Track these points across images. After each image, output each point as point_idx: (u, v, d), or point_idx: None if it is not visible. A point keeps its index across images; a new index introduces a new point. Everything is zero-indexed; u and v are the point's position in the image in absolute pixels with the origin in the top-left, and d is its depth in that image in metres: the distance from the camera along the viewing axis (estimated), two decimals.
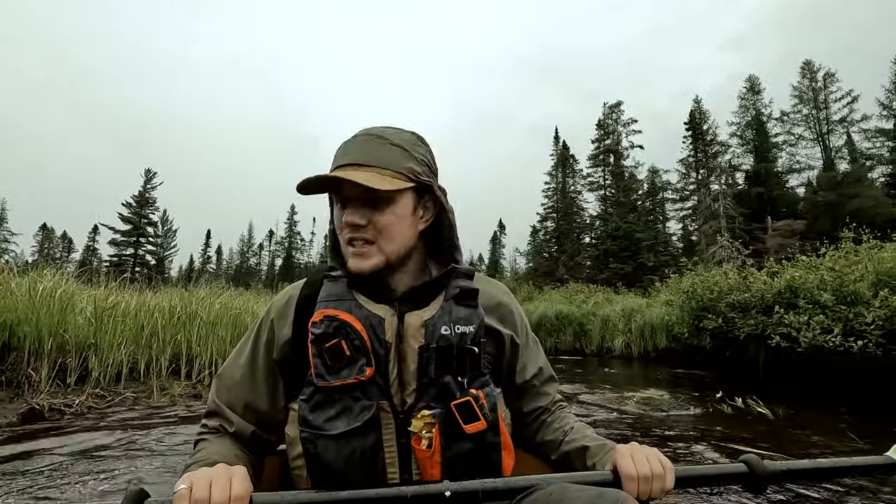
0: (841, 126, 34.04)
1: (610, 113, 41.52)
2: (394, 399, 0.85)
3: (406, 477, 0.83)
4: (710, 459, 2.97)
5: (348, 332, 0.84)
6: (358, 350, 0.84)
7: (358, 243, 0.89)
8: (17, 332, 4.04)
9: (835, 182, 29.49)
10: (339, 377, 0.83)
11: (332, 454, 0.82)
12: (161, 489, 1.78)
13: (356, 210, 0.88)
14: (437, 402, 0.84)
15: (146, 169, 46.52)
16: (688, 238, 38.66)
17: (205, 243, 68.43)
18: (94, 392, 4.16)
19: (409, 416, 0.85)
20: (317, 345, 0.85)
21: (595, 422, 4.11)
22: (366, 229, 0.88)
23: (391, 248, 0.90)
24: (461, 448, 0.84)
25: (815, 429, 3.74)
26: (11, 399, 3.76)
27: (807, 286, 6.79)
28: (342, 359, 0.83)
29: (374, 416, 0.83)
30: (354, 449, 0.82)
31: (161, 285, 8.63)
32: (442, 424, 0.83)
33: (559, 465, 0.98)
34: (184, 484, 0.68)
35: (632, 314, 11.77)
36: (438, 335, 0.86)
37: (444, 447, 0.83)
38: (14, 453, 2.78)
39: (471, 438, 0.84)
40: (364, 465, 0.83)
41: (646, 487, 0.78)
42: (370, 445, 0.83)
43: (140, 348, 4.93)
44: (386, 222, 0.88)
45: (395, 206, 0.89)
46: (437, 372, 0.85)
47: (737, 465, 0.87)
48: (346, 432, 0.82)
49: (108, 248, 45.71)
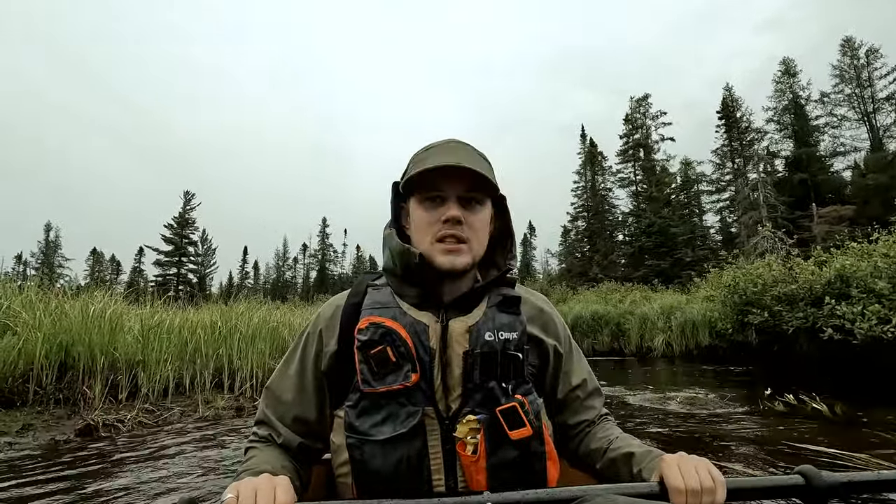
0: (888, 103, 32.15)
1: (637, 107, 40.61)
2: (439, 405, 0.85)
3: (451, 483, 0.83)
4: (761, 464, 2.84)
5: (393, 338, 0.85)
6: (403, 356, 0.85)
7: (452, 241, 0.90)
8: (72, 351, 4.27)
9: (885, 163, 27.84)
10: (384, 383, 0.84)
11: (379, 460, 0.83)
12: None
13: (456, 207, 0.90)
14: (482, 407, 0.85)
15: (185, 191, 48.61)
16: (727, 230, 37.21)
17: (242, 259, 70.75)
18: (143, 407, 4.34)
19: (455, 422, 0.84)
20: (363, 351, 0.86)
21: (637, 424, 3.99)
22: (462, 227, 0.90)
23: (477, 250, 0.93)
24: (506, 455, 0.84)
25: (881, 427, 3.52)
26: (69, 416, 3.97)
27: (859, 274, 6.42)
28: (388, 365, 0.84)
29: (419, 422, 0.83)
30: (401, 454, 0.83)
31: (202, 302, 8.96)
32: (487, 430, 0.83)
33: (604, 473, 0.95)
34: (230, 493, 0.69)
35: (671, 311, 11.43)
36: (482, 341, 0.87)
37: (489, 453, 0.83)
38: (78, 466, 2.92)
39: (516, 446, 0.84)
40: (410, 471, 0.82)
41: (695, 501, 0.74)
42: (416, 451, 0.83)
43: (185, 363, 5.12)
44: (479, 223, 0.92)
45: (484, 210, 0.93)
46: (482, 377, 0.85)
47: (793, 476, 0.81)
48: (393, 438, 0.83)
49: (154, 269, 47.96)
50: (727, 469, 2.69)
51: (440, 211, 0.90)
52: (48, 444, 3.50)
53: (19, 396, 4.01)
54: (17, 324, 4.30)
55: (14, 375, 4.02)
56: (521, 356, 0.88)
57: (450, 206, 0.89)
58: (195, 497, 0.74)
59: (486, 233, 0.95)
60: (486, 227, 0.95)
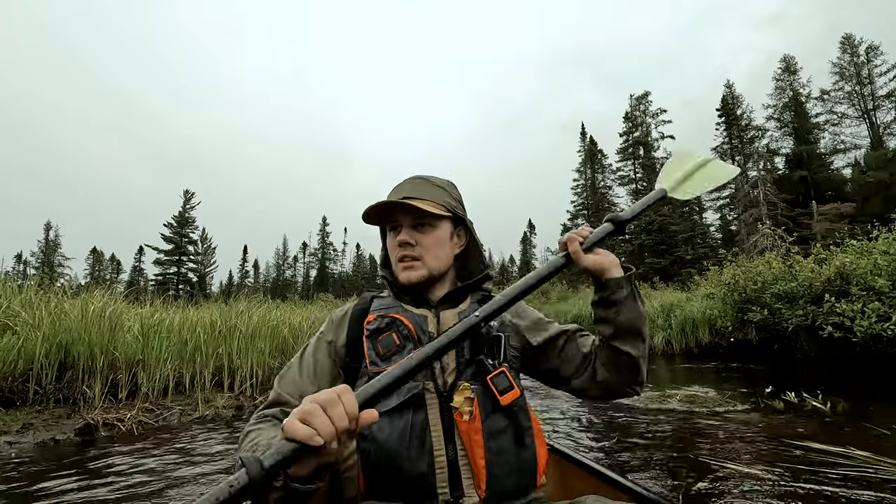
0: (888, 101, 32.12)
1: (637, 104, 40.59)
2: (437, 381, 0.97)
3: (450, 450, 0.91)
4: (761, 462, 2.84)
5: (398, 325, 1.02)
6: (406, 338, 1.00)
7: (407, 259, 1.08)
8: (72, 351, 4.27)
9: (885, 160, 27.80)
10: (389, 362, 0.96)
11: (385, 431, 0.91)
12: None
13: (407, 232, 1.08)
14: (474, 379, 0.97)
15: (185, 190, 48.61)
16: (727, 228, 37.22)
17: (242, 258, 70.75)
18: (143, 406, 4.34)
19: (451, 394, 0.96)
20: (371, 338, 1.01)
21: (636, 422, 3.99)
22: (414, 248, 1.08)
23: (433, 265, 1.09)
24: (498, 421, 0.95)
25: (880, 423, 3.52)
26: (69, 415, 3.97)
27: (859, 272, 6.41)
28: (392, 346, 0.98)
29: (420, 393, 0.94)
30: (404, 423, 0.91)
31: (202, 301, 8.95)
32: (480, 398, 0.95)
33: (613, 338, 1.03)
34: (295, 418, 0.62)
35: (671, 309, 11.42)
36: None
37: (483, 418, 0.94)
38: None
39: (506, 413, 0.96)
40: (412, 441, 0.90)
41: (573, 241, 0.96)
42: (418, 422, 0.92)
43: (184, 363, 5.12)
44: (430, 243, 1.09)
45: (436, 231, 1.10)
46: (472, 353, 0.99)
47: (605, 224, 1.03)
48: (397, 407, 0.92)
49: (154, 268, 47.93)
50: (727, 468, 2.70)
51: (398, 237, 1.08)
52: (48, 443, 3.50)
53: (19, 396, 4.01)
54: (17, 323, 4.29)
55: (14, 375, 4.02)
56: (503, 336, 1.03)
57: (401, 233, 1.09)
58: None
59: (442, 249, 1.11)
60: (441, 243, 1.10)
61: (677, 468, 2.75)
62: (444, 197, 1.12)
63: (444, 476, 0.89)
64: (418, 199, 1.07)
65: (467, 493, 0.89)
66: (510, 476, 0.92)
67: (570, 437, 3.58)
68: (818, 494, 2.24)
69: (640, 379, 1.04)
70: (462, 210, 1.17)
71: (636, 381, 1.04)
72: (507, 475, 0.92)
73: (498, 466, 0.92)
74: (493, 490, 0.90)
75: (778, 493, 2.28)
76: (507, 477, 0.92)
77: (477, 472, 0.90)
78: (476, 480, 0.90)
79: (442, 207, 1.09)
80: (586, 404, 4.89)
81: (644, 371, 1.03)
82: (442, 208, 1.09)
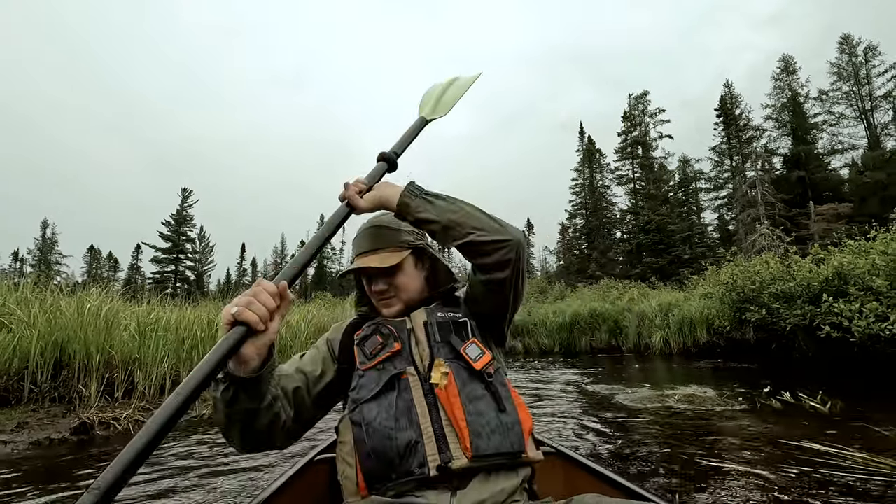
0: (886, 101, 32.19)
1: (636, 104, 40.59)
2: (418, 366, 1.07)
3: (435, 419, 0.99)
4: (758, 462, 2.84)
5: (380, 328, 1.15)
6: (387, 336, 1.12)
7: (385, 298, 1.22)
8: (68, 349, 4.24)
9: (882, 160, 27.89)
10: (376, 358, 1.08)
11: (374, 411, 0.99)
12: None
13: (378, 281, 1.22)
14: (448, 357, 1.07)
15: (182, 188, 48.45)
16: (725, 228, 37.26)
17: (240, 257, 70.56)
18: (139, 405, 4.32)
19: (430, 373, 1.05)
20: (360, 343, 1.13)
21: (635, 422, 3.99)
22: (388, 291, 1.22)
23: (407, 297, 1.23)
24: (475, 388, 1.03)
25: (879, 423, 3.52)
26: (64, 414, 3.94)
27: (857, 272, 6.42)
28: (377, 345, 1.10)
29: (400, 373, 1.05)
30: (390, 403, 1.00)
31: (199, 299, 8.91)
32: (454, 368, 1.04)
33: (447, 242, 1.12)
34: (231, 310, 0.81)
35: (669, 309, 11.43)
36: (435, 316, 1.16)
37: (459, 385, 1.02)
38: None
39: (482, 379, 1.04)
40: (401, 419, 0.98)
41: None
42: (404, 402, 1.01)
43: (181, 361, 5.09)
44: (400, 283, 1.22)
45: (403, 272, 1.22)
46: (441, 336, 1.11)
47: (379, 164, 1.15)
48: (382, 388, 1.02)
49: (151, 266, 47.76)
50: (726, 469, 2.69)
51: (375, 288, 1.23)
52: (43, 442, 3.48)
53: (14, 394, 3.98)
54: (12, 321, 4.26)
55: (9, 373, 3.99)
56: (468, 322, 1.15)
57: (375, 283, 1.23)
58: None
59: (412, 282, 1.24)
60: (410, 278, 1.24)
61: (676, 469, 2.74)
62: (399, 237, 1.24)
63: (433, 444, 0.95)
64: (380, 250, 1.22)
65: (455, 456, 0.94)
66: (493, 436, 0.96)
67: (569, 440, 3.57)
68: (817, 496, 2.23)
69: (492, 249, 1.06)
70: (419, 237, 1.27)
71: (488, 252, 1.07)
72: (489, 434, 0.96)
73: (479, 426, 0.96)
74: (478, 449, 0.94)
75: (776, 494, 2.27)
76: (490, 437, 0.96)
77: (461, 434, 0.95)
78: (462, 443, 0.95)
79: (400, 249, 1.22)
80: (586, 405, 4.88)
81: (491, 239, 1.05)
82: (401, 251, 1.22)
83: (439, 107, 1.30)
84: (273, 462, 3.03)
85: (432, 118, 1.26)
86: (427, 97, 1.34)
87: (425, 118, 1.25)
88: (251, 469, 2.92)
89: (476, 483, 0.94)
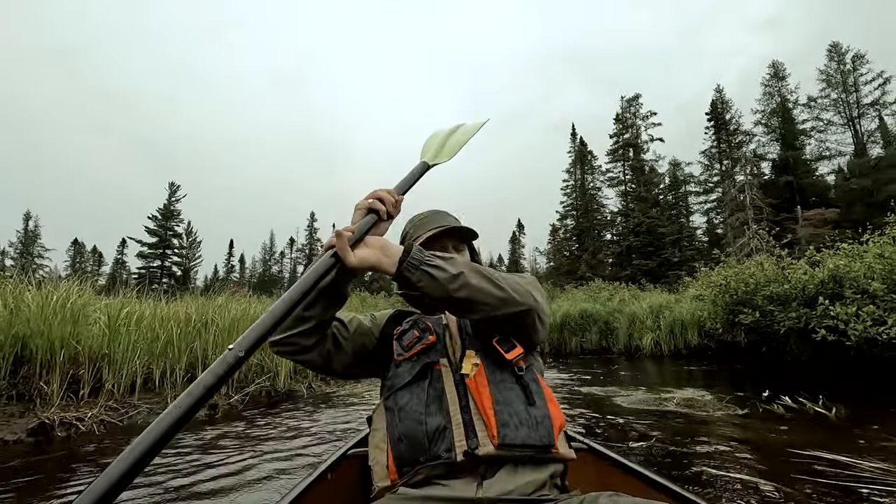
0: (873, 109, 32.58)
1: (628, 107, 40.72)
2: (450, 358, 1.11)
3: (465, 406, 1.00)
4: (767, 474, 2.67)
5: (418, 322, 1.19)
6: (424, 330, 1.16)
7: None
8: (30, 344, 3.96)
9: (868, 168, 28.22)
10: (412, 350, 1.12)
11: (406, 398, 1.04)
12: None
13: (451, 250, 1.29)
14: (480, 350, 1.09)
15: (170, 182, 47.58)
16: (713, 231, 37.53)
17: (228, 253, 69.63)
18: (107, 404, 4.04)
19: (461, 364, 1.08)
20: (399, 337, 1.18)
21: (634, 427, 3.81)
22: None
23: None
24: (505, 376, 1.05)
25: (883, 431, 3.38)
26: (22, 413, 3.66)
27: (853, 275, 6.34)
28: (413, 339, 1.14)
29: (433, 363, 1.08)
30: (422, 390, 1.04)
31: (181, 295, 8.59)
32: (484, 358, 1.07)
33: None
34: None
35: (660, 311, 11.34)
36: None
37: (488, 374, 1.04)
38: None
39: (512, 370, 1.06)
40: (431, 405, 1.01)
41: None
42: (436, 390, 1.03)
43: (155, 358, 4.82)
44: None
45: (465, 253, 1.33)
46: (474, 329, 1.15)
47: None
48: (415, 376, 1.07)
49: (137, 261, 46.77)
50: (730, 478, 2.52)
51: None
52: None
53: None
54: None
55: None
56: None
57: (449, 250, 1.29)
58: None
59: None
60: None
61: (684, 480, 2.56)
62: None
63: (461, 431, 0.96)
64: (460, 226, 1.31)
65: (482, 443, 0.94)
66: (521, 427, 0.96)
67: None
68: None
69: (503, 318, 1.05)
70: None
71: (500, 321, 1.06)
72: (517, 425, 0.96)
73: (507, 416, 0.97)
74: (505, 438, 0.94)
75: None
76: (519, 428, 0.96)
77: (488, 422, 0.96)
78: (489, 431, 0.95)
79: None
80: (581, 408, 4.71)
81: (503, 313, 1.03)
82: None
83: (443, 152, 1.27)
84: (305, 457, 2.80)
85: (435, 163, 1.22)
86: (430, 142, 1.32)
87: (427, 163, 1.20)
88: (283, 460, 2.68)
89: (503, 474, 0.95)
